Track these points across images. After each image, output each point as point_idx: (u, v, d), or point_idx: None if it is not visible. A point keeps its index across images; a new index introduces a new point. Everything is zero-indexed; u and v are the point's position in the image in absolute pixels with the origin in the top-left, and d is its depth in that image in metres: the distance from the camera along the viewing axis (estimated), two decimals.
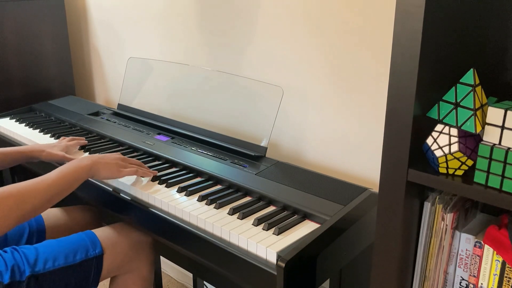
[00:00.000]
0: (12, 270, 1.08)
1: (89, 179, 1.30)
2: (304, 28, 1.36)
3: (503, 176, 0.67)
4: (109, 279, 1.33)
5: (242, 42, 1.53)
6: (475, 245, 0.77)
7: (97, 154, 1.23)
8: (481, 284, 0.77)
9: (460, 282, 0.80)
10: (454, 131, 0.72)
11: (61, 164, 1.23)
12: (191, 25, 1.69)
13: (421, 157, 0.76)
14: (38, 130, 1.66)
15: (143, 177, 1.24)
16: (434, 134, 0.74)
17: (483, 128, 0.69)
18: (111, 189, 1.26)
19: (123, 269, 1.27)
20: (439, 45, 0.73)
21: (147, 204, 1.17)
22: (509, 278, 0.74)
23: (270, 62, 1.47)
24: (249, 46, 1.52)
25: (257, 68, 1.51)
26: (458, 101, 0.71)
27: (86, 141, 1.51)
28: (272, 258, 0.93)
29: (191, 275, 1.95)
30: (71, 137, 1.49)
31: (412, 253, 0.82)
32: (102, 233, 1.25)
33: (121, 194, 1.23)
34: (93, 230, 1.26)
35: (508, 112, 0.66)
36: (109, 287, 1.34)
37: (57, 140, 1.56)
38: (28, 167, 1.55)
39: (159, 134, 1.56)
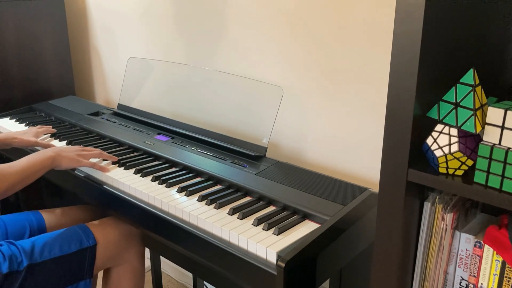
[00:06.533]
0: (10, 260, 1.12)
1: (88, 179, 1.31)
2: (304, 28, 1.36)
3: (503, 176, 0.67)
4: (102, 277, 1.37)
5: (243, 43, 1.53)
6: (475, 245, 0.77)
7: (59, 147, 1.37)
8: (481, 284, 0.77)
9: (460, 282, 0.80)
10: (454, 131, 0.72)
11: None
12: (192, 25, 1.69)
13: (421, 157, 0.76)
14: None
15: (100, 170, 1.31)
16: (434, 134, 0.74)
17: (483, 128, 0.69)
18: (111, 189, 1.26)
19: (116, 261, 1.32)
20: (439, 45, 0.73)
21: (147, 204, 1.17)
22: (509, 278, 0.74)
23: (271, 62, 1.47)
24: (250, 46, 1.52)
25: (257, 68, 1.51)
26: (458, 101, 0.71)
27: (55, 130, 1.62)
28: (272, 258, 0.93)
29: (191, 275, 1.95)
30: (39, 126, 1.63)
31: (412, 253, 0.82)
32: (94, 225, 1.31)
33: (121, 194, 1.23)
34: (85, 224, 1.31)
35: (508, 112, 0.66)
36: (103, 280, 1.37)
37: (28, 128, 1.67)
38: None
39: (159, 134, 1.56)
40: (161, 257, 1.82)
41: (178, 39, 1.76)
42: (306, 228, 1.03)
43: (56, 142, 1.55)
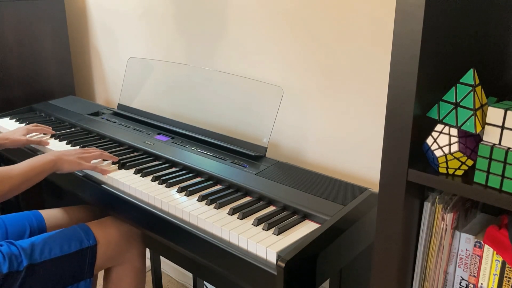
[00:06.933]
0: (10, 261, 1.12)
1: (88, 180, 1.31)
2: (304, 28, 1.36)
3: (503, 176, 0.67)
4: (103, 276, 1.37)
5: (243, 43, 1.53)
6: (475, 245, 0.77)
7: (60, 150, 1.36)
8: (481, 284, 0.77)
9: (460, 282, 0.80)
10: (454, 131, 0.72)
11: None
12: (192, 25, 1.69)
13: (421, 157, 0.76)
14: (43, 133, 1.66)
15: (101, 173, 1.31)
16: (434, 134, 0.74)
17: (483, 128, 0.69)
18: (111, 189, 1.26)
19: (116, 261, 1.32)
20: (439, 45, 0.73)
21: (147, 204, 1.17)
22: (509, 278, 0.74)
23: (271, 62, 1.47)
24: (250, 45, 1.52)
25: (257, 68, 1.51)
26: (458, 101, 0.71)
27: (53, 131, 1.61)
28: (272, 258, 0.93)
29: (191, 275, 1.95)
30: (35, 124, 1.61)
31: (412, 253, 0.82)
32: (95, 225, 1.31)
33: (121, 194, 1.23)
34: (86, 223, 1.31)
35: (508, 112, 0.66)
36: (103, 280, 1.37)
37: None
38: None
39: (159, 134, 1.56)
40: (161, 257, 1.82)
41: (178, 39, 1.76)
42: (306, 228, 1.03)
43: (56, 142, 1.55)
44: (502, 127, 0.67)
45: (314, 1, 1.31)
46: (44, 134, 1.59)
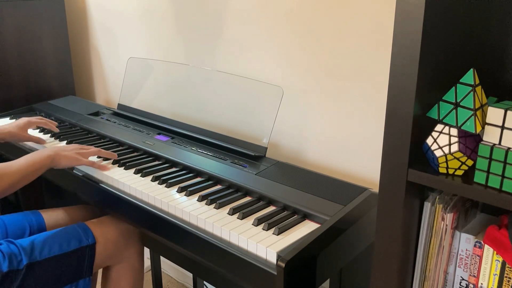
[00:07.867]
0: (10, 259, 1.12)
1: (88, 179, 1.31)
2: (304, 28, 1.36)
3: (503, 176, 0.67)
4: (101, 276, 1.38)
5: (243, 42, 1.53)
6: (475, 245, 0.77)
7: (58, 146, 1.38)
8: (481, 284, 0.77)
9: (460, 282, 0.80)
10: (454, 131, 0.72)
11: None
12: (192, 25, 1.69)
13: (421, 157, 0.76)
14: (38, 130, 1.67)
15: (99, 169, 1.32)
16: (434, 134, 0.74)
17: (483, 128, 0.69)
18: (111, 189, 1.26)
19: (115, 259, 1.33)
20: (439, 45, 0.73)
21: (147, 204, 1.17)
22: (509, 278, 0.74)
23: (271, 62, 1.47)
24: (250, 45, 1.52)
25: (257, 67, 1.51)
26: (458, 101, 0.71)
27: (57, 129, 1.59)
28: (272, 258, 0.93)
29: (191, 275, 1.95)
30: (39, 117, 1.60)
31: (412, 253, 0.82)
32: (94, 224, 1.31)
33: (121, 194, 1.23)
34: (85, 222, 1.31)
35: (508, 112, 0.66)
36: (102, 279, 1.38)
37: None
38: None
39: (159, 134, 1.56)
40: (161, 257, 1.82)
41: (178, 39, 1.76)
42: (306, 228, 1.03)
43: (56, 142, 1.55)
44: (502, 127, 0.67)
45: (314, 1, 1.31)
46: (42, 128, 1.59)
